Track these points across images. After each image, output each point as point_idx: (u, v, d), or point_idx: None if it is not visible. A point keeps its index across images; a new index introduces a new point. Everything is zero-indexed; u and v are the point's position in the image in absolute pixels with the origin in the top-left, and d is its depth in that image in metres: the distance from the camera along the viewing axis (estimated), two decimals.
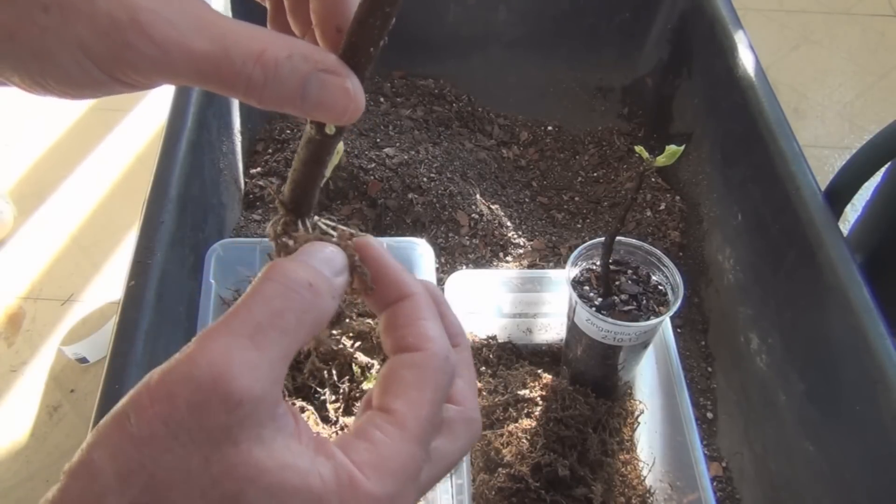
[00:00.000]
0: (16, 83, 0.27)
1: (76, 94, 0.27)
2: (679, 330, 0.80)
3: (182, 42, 0.24)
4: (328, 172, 0.33)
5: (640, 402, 0.70)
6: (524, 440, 0.64)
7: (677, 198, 0.91)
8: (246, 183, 0.90)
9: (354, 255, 0.29)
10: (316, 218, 0.33)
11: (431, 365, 0.26)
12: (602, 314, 0.60)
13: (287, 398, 0.63)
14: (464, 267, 0.84)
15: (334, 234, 0.31)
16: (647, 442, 0.68)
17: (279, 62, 0.25)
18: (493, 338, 0.76)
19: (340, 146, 0.35)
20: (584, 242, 0.63)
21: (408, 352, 0.27)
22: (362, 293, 0.29)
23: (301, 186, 0.32)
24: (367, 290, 0.28)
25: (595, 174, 0.99)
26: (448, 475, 0.58)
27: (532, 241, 0.88)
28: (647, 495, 0.65)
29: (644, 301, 0.62)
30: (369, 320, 0.67)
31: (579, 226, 0.93)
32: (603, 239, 0.61)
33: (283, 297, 0.24)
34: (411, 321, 0.28)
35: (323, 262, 0.27)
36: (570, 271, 0.63)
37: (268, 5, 0.33)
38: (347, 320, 0.29)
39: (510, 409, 0.67)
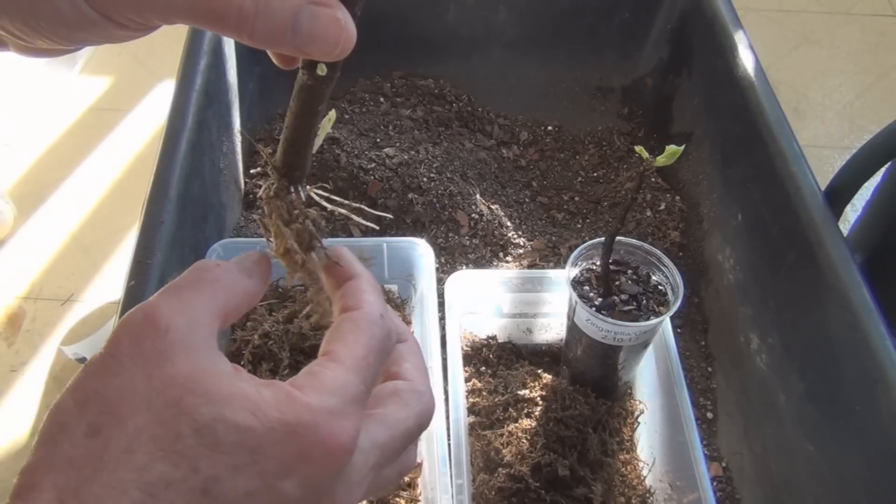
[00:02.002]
0: (6, 29, 0.27)
1: (68, 37, 0.27)
2: (679, 330, 0.80)
3: None
4: (318, 141, 0.33)
5: (640, 402, 0.70)
6: (524, 440, 0.64)
7: (677, 198, 0.91)
8: (246, 183, 0.90)
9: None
10: (309, 188, 0.33)
11: (365, 319, 0.30)
12: (602, 314, 0.60)
13: None
14: (464, 267, 0.84)
15: (327, 205, 0.33)
16: (647, 442, 0.68)
17: None
18: (493, 338, 0.76)
19: (332, 114, 0.35)
20: (584, 242, 0.63)
21: (347, 311, 0.31)
22: (325, 270, 0.33)
23: (293, 146, 0.32)
24: (328, 267, 0.33)
25: (595, 174, 0.99)
26: (417, 449, 0.58)
27: (532, 241, 0.88)
28: (647, 495, 0.65)
29: (644, 301, 0.62)
30: None
31: (579, 226, 0.93)
32: (603, 239, 0.61)
33: (196, 269, 0.29)
34: (353, 292, 0.32)
35: (243, 258, 0.31)
36: (570, 271, 0.63)
37: None
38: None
39: (510, 409, 0.67)
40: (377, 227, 0.45)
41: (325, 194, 0.33)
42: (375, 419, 0.29)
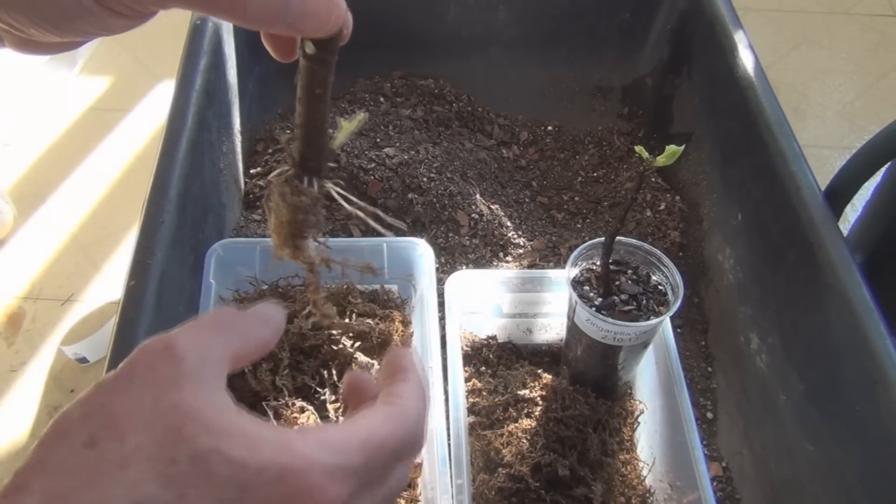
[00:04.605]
0: (3, 20, 0.28)
1: (64, 27, 0.28)
2: (679, 330, 0.80)
3: None
4: (341, 137, 0.32)
5: (640, 402, 0.70)
6: (524, 440, 0.64)
7: (677, 198, 0.91)
8: (246, 183, 0.90)
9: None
10: (328, 183, 0.33)
11: (407, 415, 0.29)
12: (602, 314, 0.60)
13: (287, 398, 0.63)
14: (464, 267, 0.84)
15: (344, 203, 0.32)
16: (647, 442, 0.68)
17: None
18: (493, 338, 0.76)
19: (362, 116, 0.34)
20: (584, 242, 0.63)
21: (394, 394, 0.30)
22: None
23: (303, 135, 0.31)
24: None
25: (595, 174, 0.99)
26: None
27: (532, 241, 0.88)
28: (647, 495, 0.65)
29: (644, 301, 0.62)
30: (369, 320, 0.67)
31: (579, 226, 0.93)
32: (603, 239, 0.61)
33: (217, 312, 0.29)
34: (408, 383, 0.31)
35: (262, 310, 0.31)
36: (570, 271, 0.63)
37: None
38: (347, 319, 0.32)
39: (510, 409, 0.67)
40: (391, 233, 0.44)
41: (343, 193, 0.33)
42: None
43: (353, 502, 0.27)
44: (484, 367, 0.73)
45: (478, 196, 0.90)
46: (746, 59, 0.78)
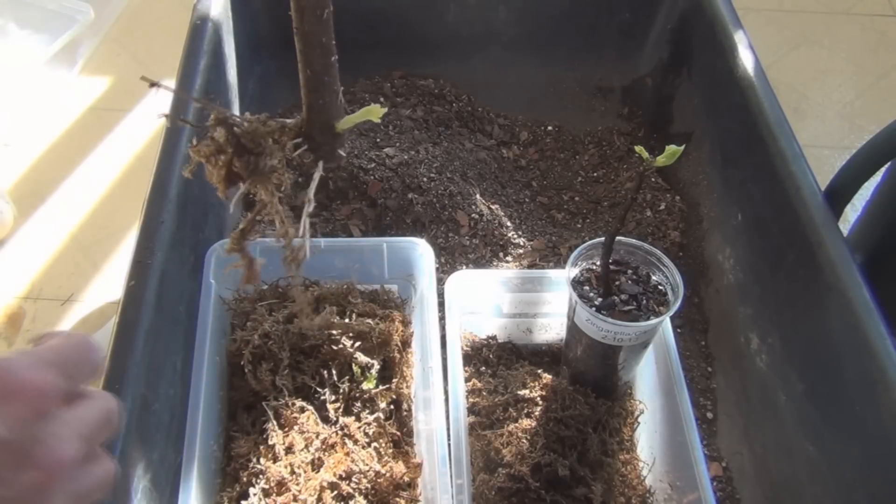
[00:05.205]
0: None
1: None
2: (679, 330, 0.80)
3: None
4: (349, 122, 0.30)
5: (640, 402, 0.70)
6: (524, 440, 0.64)
7: (677, 198, 0.91)
8: None
9: None
10: (318, 171, 0.31)
11: (72, 335, 0.33)
12: (602, 314, 0.60)
13: (287, 397, 0.63)
14: (464, 267, 0.84)
15: (310, 191, 0.30)
16: (647, 442, 0.68)
17: None
18: (493, 338, 0.76)
19: (376, 108, 0.33)
20: (584, 242, 0.63)
21: (57, 332, 0.33)
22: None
23: (305, 87, 0.30)
24: None
25: (595, 174, 0.99)
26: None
27: (532, 241, 0.88)
28: (647, 495, 0.65)
29: (644, 301, 0.62)
30: (369, 320, 0.67)
31: (579, 226, 0.93)
32: (603, 239, 0.61)
33: None
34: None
35: None
36: (570, 271, 0.63)
37: None
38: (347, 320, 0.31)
39: (510, 409, 0.67)
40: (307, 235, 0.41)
41: (316, 187, 0.32)
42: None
43: (69, 398, 0.30)
44: (484, 367, 0.73)
45: (478, 196, 0.90)
46: (746, 59, 0.78)
